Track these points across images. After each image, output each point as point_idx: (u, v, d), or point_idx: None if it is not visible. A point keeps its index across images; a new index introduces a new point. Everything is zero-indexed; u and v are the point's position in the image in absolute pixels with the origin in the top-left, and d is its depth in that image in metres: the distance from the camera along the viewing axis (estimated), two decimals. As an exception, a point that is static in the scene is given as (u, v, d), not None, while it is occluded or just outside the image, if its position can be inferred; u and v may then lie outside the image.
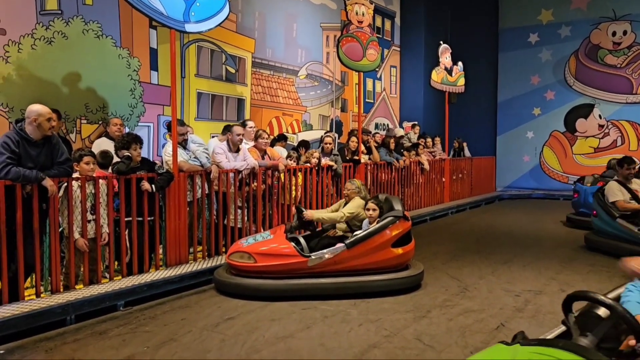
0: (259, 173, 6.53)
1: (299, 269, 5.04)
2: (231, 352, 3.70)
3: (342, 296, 4.99)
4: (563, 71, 14.25)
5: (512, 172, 14.83)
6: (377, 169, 9.17)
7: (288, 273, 5.04)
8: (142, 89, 7.53)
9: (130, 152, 5.19)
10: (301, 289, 5.01)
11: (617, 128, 13.65)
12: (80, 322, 4.28)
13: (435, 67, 11.22)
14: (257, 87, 9.62)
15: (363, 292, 5.05)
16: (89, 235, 4.79)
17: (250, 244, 5.23)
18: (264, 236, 5.43)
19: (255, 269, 5.05)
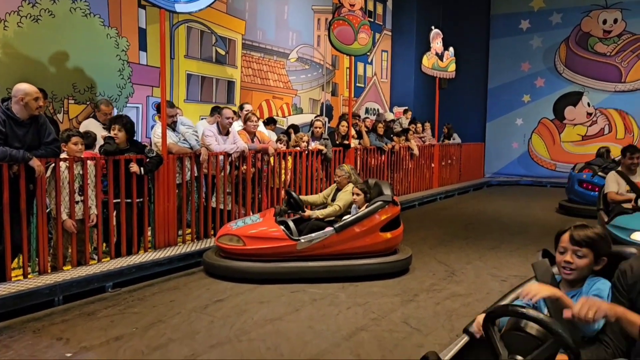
0: (248, 156, 6.50)
1: (288, 252, 5.06)
2: (220, 334, 3.72)
3: (330, 279, 5.02)
4: (553, 58, 14.28)
5: (500, 158, 14.91)
6: (367, 154, 9.17)
7: (277, 256, 5.06)
8: (130, 70, 7.43)
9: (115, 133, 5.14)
10: (290, 272, 5.03)
11: (605, 116, 13.74)
12: (68, 303, 4.28)
13: (427, 53, 11.19)
14: (247, 70, 9.54)
15: (351, 276, 5.09)
16: (77, 217, 4.76)
17: (240, 227, 5.24)
18: (254, 219, 5.44)
19: (244, 252, 5.05)
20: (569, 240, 2.09)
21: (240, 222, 5.46)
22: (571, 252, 2.09)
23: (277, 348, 3.52)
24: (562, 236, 2.14)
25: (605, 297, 2.00)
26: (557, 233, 2.18)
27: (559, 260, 2.13)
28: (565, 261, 2.09)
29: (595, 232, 2.09)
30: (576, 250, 2.08)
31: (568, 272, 2.10)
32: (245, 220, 5.48)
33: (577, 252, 2.08)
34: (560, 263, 2.12)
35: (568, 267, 2.09)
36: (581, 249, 2.07)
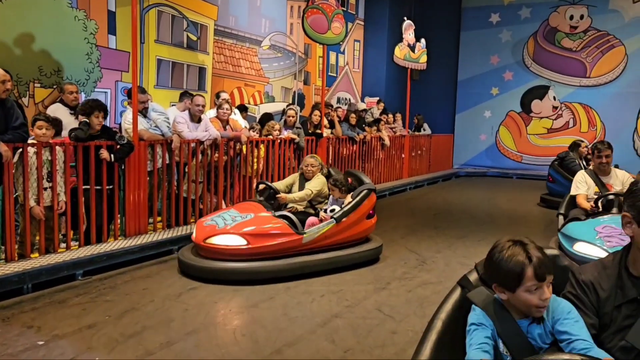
0: (221, 144, 6.45)
1: (294, 247, 4.84)
2: (195, 321, 3.71)
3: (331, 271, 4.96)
4: (522, 52, 14.56)
5: (469, 150, 15.17)
6: (339, 144, 9.21)
7: (283, 252, 4.80)
8: (99, 54, 7.25)
9: (91, 119, 5.02)
10: (295, 267, 4.79)
11: (570, 110, 14.11)
12: (38, 291, 4.19)
13: (399, 43, 11.25)
14: (219, 56, 9.42)
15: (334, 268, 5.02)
16: (45, 203, 4.64)
17: (232, 225, 4.77)
18: (242, 216, 4.93)
19: (249, 252, 4.67)
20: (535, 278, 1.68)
21: (219, 219, 4.94)
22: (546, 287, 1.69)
23: (253, 335, 3.53)
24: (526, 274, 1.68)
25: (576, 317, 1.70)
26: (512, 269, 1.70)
27: (532, 301, 1.70)
28: (544, 299, 1.69)
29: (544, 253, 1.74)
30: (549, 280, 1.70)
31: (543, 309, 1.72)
32: (225, 216, 4.98)
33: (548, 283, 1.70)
34: (535, 303, 1.70)
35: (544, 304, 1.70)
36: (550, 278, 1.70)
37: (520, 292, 1.71)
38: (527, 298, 1.70)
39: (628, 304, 1.64)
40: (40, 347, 3.24)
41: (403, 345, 3.44)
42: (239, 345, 3.36)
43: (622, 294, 1.65)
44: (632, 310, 1.62)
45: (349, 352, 3.33)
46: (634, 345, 1.53)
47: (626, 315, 1.63)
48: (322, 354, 3.29)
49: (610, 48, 13.49)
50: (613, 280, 1.69)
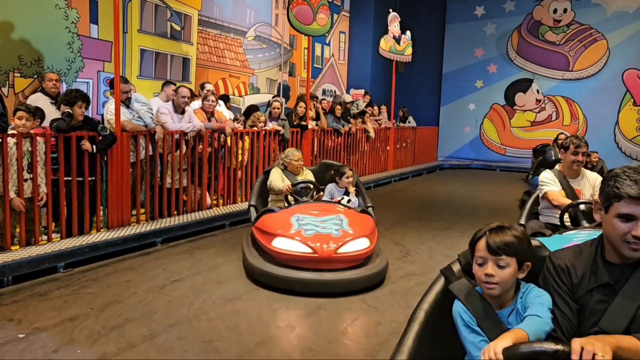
0: (205, 135, 6.41)
1: None
2: (178, 313, 3.69)
3: None
4: (506, 45, 14.63)
5: (453, 142, 15.26)
6: (324, 135, 9.20)
7: None
8: (80, 43, 7.13)
9: (74, 110, 4.94)
10: None
11: (553, 103, 14.25)
12: (18, 284, 4.14)
13: (384, 35, 11.24)
14: (203, 47, 9.33)
15: None
16: (25, 195, 4.57)
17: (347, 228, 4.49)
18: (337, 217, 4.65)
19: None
20: (486, 249, 1.75)
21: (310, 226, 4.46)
22: (492, 263, 1.75)
23: (236, 327, 3.53)
24: (477, 244, 1.79)
25: (550, 306, 1.72)
26: (471, 240, 1.82)
27: (478, 274, 1.78)
28: (487, 274, 1.74)
29: (514, 234, 1.76)
30: (497, 260, 1.74)
31: (491, 287, 1.75)
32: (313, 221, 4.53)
33: (498, 262, 1.74)
34: (480, 278, 1.77)
35: (490, 282, 1.74)
36: (502, 257, 1.73)
37: (474, 264, 1.81)
38: (476, 270, 1.80)
39: (600, 289, 1.66)
40: (21, 340, 3.20)
41: (387, 336, 3.46)
42: (223, 337, 3.36)
43: (595, 279, 1.68)
44: (604, 295, 1.65)
45: (332, 343, 3.34)
46: (606, 331, 1.57)
47: (598, 300, 1.65)
48: (306, 345, 3.30)
49: (593, 42, 13.62)
50: (588, 265, 1.71)
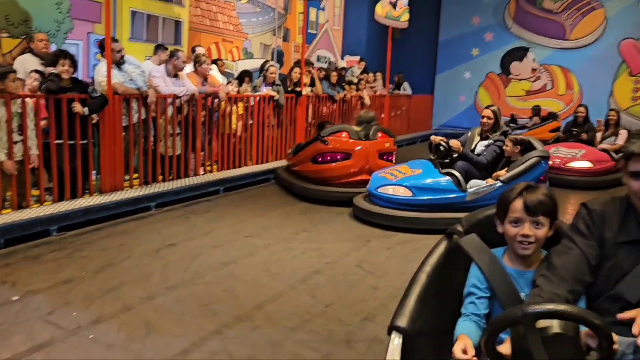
0: (198, 100, 6.29)
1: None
2: (175, 277, 3.67)
3: None
4: (502, 13, 14.42)
5: (448, 111, 15.15)
6: (319, 102, 9.09)
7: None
8: (69, 3, 6.90)
9: (58, 69, 4.81)
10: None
11: (548, 72, 14.14)
12: (11, 247, 4.09)
13: (380, 1, 10.99)
14: (195, 10, 9.09)
15: None
16: (16, 158, 4.48)
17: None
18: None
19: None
20: (523, 210, 1.75)
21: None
22: (529, 223, 1.75)
23: (233, 290, 3.52)
24: (511, 204, 1.78)
25: None
26: (502, 199, 1.83)
27: (512, 233, 1.78)
28: (523, 235, 1.75)
29: (546, 193, 1.78)
30: (534, 219, 1.75)
31: (526, 247, 1.76)
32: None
33: (535, 222, 1.75)
34: (515, 237, 1.77)
35: (526, 241, 1.75)
36: (538, 217, 1.75)
37: (506, 224, 1.80)
38: (508, 229, 1.79)
39: (630, 245, 1.64)
40: (15, 302, 3.17)
41: (384, 300, 3.47)
42: (220, 300, 3.35)
43: (626, 233, 1.65)
44: (631, 253, 1.62)
45: (330, 307, 3.34)
46: (623, 295, 1.54)
47: (625, 255, 1.63)
48: (304, 308, 3.30)
49: (591, 10, 13.44)
50: (619, 217, 1.69)
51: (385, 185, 5.35)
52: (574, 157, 7.80)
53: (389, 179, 5.41)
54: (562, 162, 7.74)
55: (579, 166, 7.71)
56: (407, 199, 5.20)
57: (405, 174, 5.41)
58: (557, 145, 8.24)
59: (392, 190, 5.28)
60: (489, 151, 5.49)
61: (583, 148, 8.00)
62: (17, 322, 2.93)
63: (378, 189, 5.36)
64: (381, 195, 5.32)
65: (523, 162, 5.19)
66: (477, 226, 2.11)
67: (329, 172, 6.25)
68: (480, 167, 5.44)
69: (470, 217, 2.15)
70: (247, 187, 6.80)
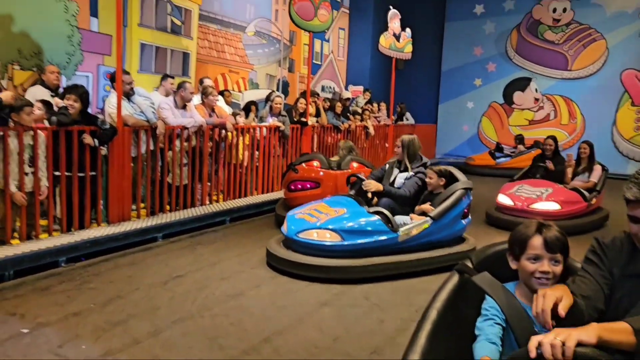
0: (206, 131, 6.38)
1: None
2: (182, 309, 3.68)
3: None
4: (505, 44, 14.65)
5: (451, 140, 15.26)
6: (324, 132, 9.18)
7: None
8: (80, 36, 7.07)
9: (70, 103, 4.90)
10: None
11: (551, 102, 14.27)
12: (20, 278, 4.11)
13: (384, 32, 11.20)
14: (203, 42, 9.28)
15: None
16: (26, 189, 4.54)
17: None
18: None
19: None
20: (543, 247, 1.81)
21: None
22: (547, 260, 1.81)
23: (241, 323, 3.51)
24: (530, 241, 1.83)
25: None
26: (519, 236, 1.88)
27: (530, 269, 1.83)
28: (542, 272, 1.80)
29: (561, 232, 1.85)
30: (553, 257, 1.81)
31: (544, 283, 1.81)
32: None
33: (553, 259, 1.82)
34: (533, 273, 1.82)
35: (545, 278, 1.81)
36: (557, 254, 1.82)
37: (523, 260, 1.85)
38: (526, 265, 1.84)
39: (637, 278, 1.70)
40: (25, 335, 3.18)
41: (392, 334, 3.46)
42: (228, 334, 3.35)
43: (635, 266, 1.72)
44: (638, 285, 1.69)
45: (337, 340, 3.33)
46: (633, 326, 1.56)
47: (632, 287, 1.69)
48: (311, 342, 3.29)
49: (592, 41, 13.64)
50: (628, 251, 1.76)
51: (307, 230, 4.52)
52: (539, 197, 6.74)
53: (310, 222, 4.59)
54: (525, 203, 6.71)
55: (544, 208, 6.60)
56: (336, 245, 4.42)
57: (328, 215, 4.62)
58: (521, 182, 7.27)
59: (317, 235, 4.47)
60: (410, 184, 5.06)
61: (550, 186, 6.92)
62: (28, 355, 2.93)
63: (299, 235, 4.52)
64: (305, 242, 4.48)
65: (448, 195, 4.82)
66: (487, 261, 2.14)
67: (300, 200, 5.95)
68: (402, 201, 4.99)
69: (480, 253, 2.18)
70: (253, 217, 6.83)
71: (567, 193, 6.89)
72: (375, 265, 4.47)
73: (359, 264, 4.42)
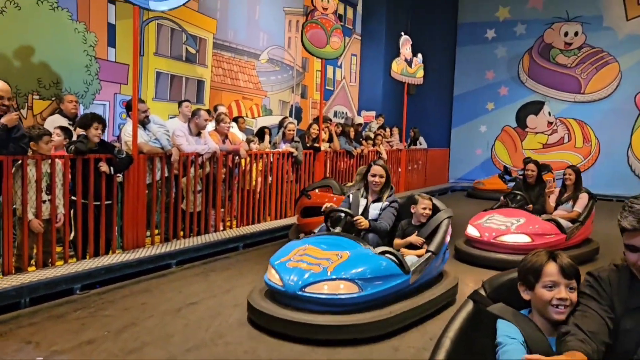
0: (220, 157, 6.45)
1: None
2: (195, 337, 3.67)
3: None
4: (517, 68, 14.70)
5: (464, 164, 15.24)
6: (337, 157, 9.22)
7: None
8: (98, 66, 7.26)
9: (89, 132, 4.99)
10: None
11: (565, 125, 14.23)
12: (36, 306, 4.14)
13: (396, 58, 11.32)
14: (217, 69, 9.45)
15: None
16: (43, 216, 4.61)
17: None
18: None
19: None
20: (560, 273, 1.80)
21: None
22: (564, 287, 1.80)
23: (255, 351, 3.50)
24: (545, 269, 1.82)
25: None
26: (531, 265, 1.86)
27: (547, 297, 1.80)
28: (560, 298, 1.78)
29: (572, 259, 1.87)
30: (569, 283, 1.80)
31: (562, 311, 1.79)
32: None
33: (569, 285, 1.80)
34: (550, 301, 1.80)
35: (562, 305, 1.79)
36: (572, 281, 1.81)
37: (538, 288, 1.83)
38: (543, 293, 1.81)
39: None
40: (39, 363, 3.20)
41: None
42: (241, 362, 3.33)
43: (636, 299, 1.70)
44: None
45: (351, 369, 3.30)
46: None
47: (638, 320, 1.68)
48: (325, 371, 3.26)
49: (605, 65, 13.65)
50: (627, 284, 1.75)
51: (315, 283, 3.68)
52: (508, 229, 6.01)
53: (314, 271, 3.73)
54: (493, 235, 5.99)
55: (513, 241, 5.90)
56: (355, 296, 3.70)
57: (330, 260, 3.82)
58: (493, 212, 6.57)
59: (329, 288, 3.67)
60: (387, 216, 4.50)
61: (523, 216, 6.20)
62: (41, 384, 2.95)
63: (305, 290, 3.67)
64: (316, 298, 3.66)
65: (437, 225, 4.44)
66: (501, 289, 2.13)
67: (313, 225, 5.51)
68: (383, 235, 4.46)
69: (492, 281, 2.17)
70: (266, 242, 6.84)
71: (541, 224, 6.11)
72: (397, 316, 3.83)
73: (381, 316, 3.74)
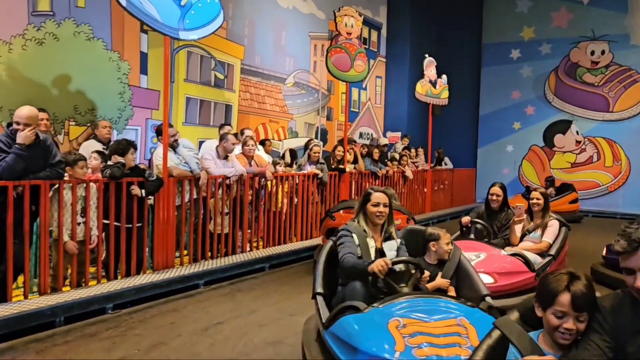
0: (246, 180, 6.61)
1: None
2: (222, 356, 3.77)
3: None
4: (543, 87, 14.62)
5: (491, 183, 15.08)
6: (362, 178, 9.30)
7: None
8: (131, 93, 7.55)
9: (126, 157, 5.23)
10: None
11: (594, 144, 14.03)
12: (70, 324, 4.30)
13: (420, 80, 11.41)
14: (245, 94, 9.69)
15: None
16: (78, 238, 4.80)
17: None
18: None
19: None
20: (570, 306, 1.82)
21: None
22: (573, 319, 1.84)
23: (279, 371, 3.57)
24: (558, 297, 1.85)
25: None
26: (548, 289, 1.89)
27: (554, 324, 1.86)
28: (566, 328, 1.84)
29: (589, 286, 1.86)
30: (578, 315, 1.84)
31: (567, 339, 1.85)
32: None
33: (579, 317, 1.84)
34: (555, 327, 1.86)
35: (568, 334, 1.84)
36: (582, 314, 1.84)
37: (548, 313, 1.88)
38: (551, 319, 1.87)
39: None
40: (73, 379, 3.33)
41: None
42: (266, 381, 3.40)
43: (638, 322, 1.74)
44: None
45: (374, 390, 3.33)
46: None
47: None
48: (348, 391, 3.30)
49: (633, 83, 13.47)
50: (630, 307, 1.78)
51: None
52: None
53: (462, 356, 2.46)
54: None
55: None
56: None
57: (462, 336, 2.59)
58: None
59: None
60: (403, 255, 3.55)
61: (484, 250, 5.07)
62: (75, 400, 3.07)
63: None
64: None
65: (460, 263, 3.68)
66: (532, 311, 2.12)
67: None
68: None
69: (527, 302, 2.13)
70: (292, 263, 6.93)
71: (505, 260, 4.98)
72: None
73: None
